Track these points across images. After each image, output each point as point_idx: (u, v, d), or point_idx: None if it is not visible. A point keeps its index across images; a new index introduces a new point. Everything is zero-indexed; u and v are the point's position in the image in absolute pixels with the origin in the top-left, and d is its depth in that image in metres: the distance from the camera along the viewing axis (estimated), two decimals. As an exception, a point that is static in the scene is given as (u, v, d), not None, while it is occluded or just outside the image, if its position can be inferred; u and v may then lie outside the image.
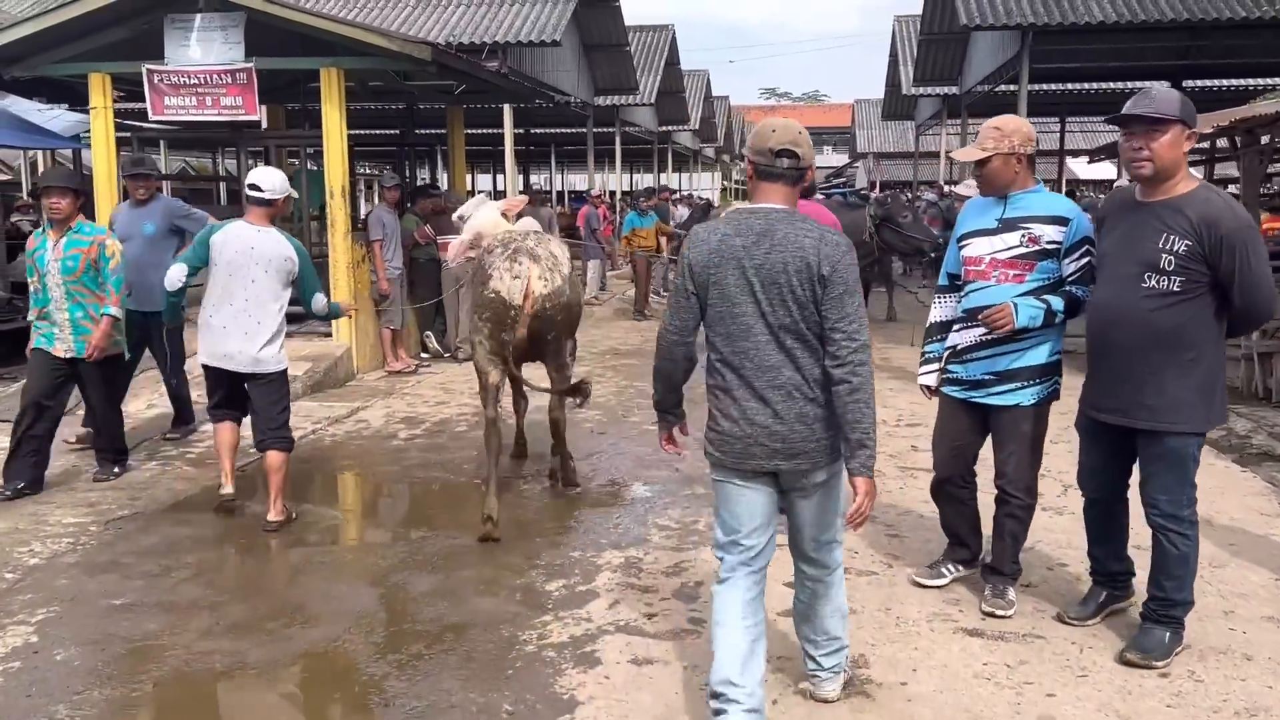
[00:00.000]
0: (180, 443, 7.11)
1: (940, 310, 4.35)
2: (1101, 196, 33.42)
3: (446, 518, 5.56)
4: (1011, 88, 23.60)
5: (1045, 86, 24.48)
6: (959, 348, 4.18)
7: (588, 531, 5.26)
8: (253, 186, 5.27)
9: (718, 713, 3.03)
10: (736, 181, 60.76)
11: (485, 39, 16.71)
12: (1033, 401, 4.06)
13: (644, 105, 28.75)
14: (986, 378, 4.10)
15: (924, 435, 5.36)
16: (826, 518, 3.21)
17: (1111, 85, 26.19)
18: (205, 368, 5.40)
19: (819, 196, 10.09)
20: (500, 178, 49.48)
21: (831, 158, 74.35)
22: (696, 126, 39.16)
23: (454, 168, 12.80)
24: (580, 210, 16.96)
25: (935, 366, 4.30)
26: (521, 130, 34.68)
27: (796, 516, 3.20)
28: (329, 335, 9.84)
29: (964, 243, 4.18)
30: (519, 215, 6.39)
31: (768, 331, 3.02)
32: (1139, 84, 25.86)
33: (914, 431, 7.26)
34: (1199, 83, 24.34)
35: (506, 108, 18.36)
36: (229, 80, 9.47)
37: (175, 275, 5.34)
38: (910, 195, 25.56)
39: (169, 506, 5.72)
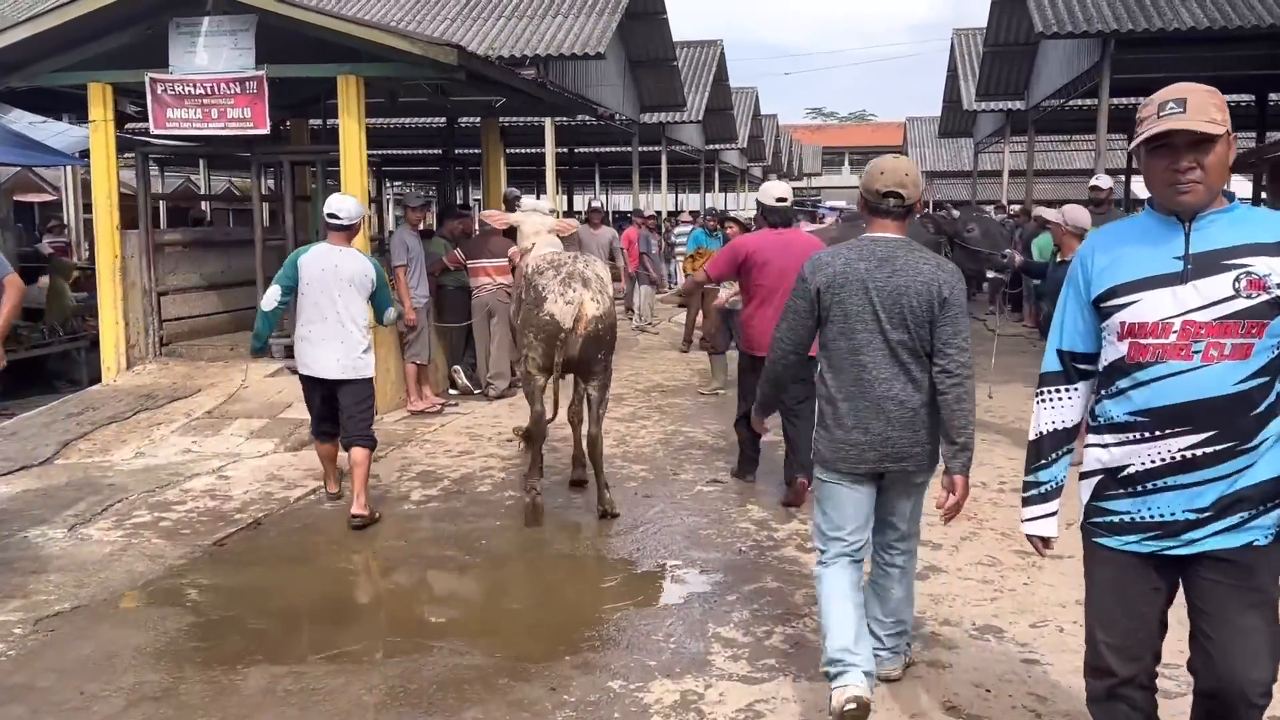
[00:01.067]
0: (160, 505, 6.11)
1: (1055, 412, 2.74)
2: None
3: (455, 623, 4.48)
4: (1085, 102, 22.34)
5: (1118, 101, 23.02)
6: (1132, 472, 2.57)
7: (631, 645, 4.13)
8: (331, 215, 5.81)
9: (838, 674, 3.28)
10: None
11: (526, 52, 15.77)
12: (1272, 537, 2.51)
13: (691, 123, 27.76)
14: (1188, 516, 2.52)
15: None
16: (915, 515, 3.60)
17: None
18: (302, 379, 5.95)
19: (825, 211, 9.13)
20: (542, 197, 48.88)
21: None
22: (744, 145, 38.11)
23: (489, 185, 11.81)
24: (626, 231, 15.89)
25: (1053, 506, 2.75)
26: (565, 149, 33.96)
27: (891, 512, 3.55)
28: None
29: (1121, 300, 2.56)
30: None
31: (885, 347, 3.36)
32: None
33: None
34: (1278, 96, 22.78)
35: (548, 124, 17.46)
36: (237, 90, 8.55)
37: (271, 296, 5.83)
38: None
39: (119, 596, 4.70)
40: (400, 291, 8.88)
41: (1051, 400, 2.74)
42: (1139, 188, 42.91)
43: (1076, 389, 2.73)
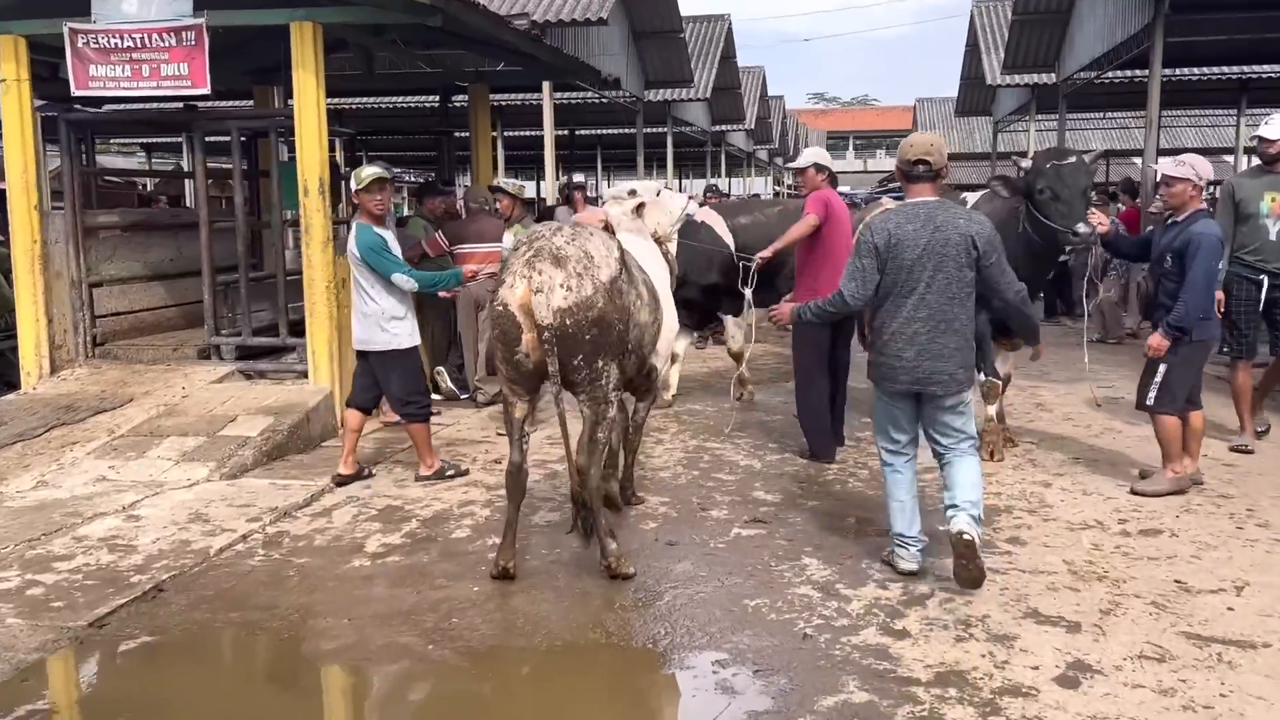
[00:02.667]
0: (39, 562, 4.72)
1: None
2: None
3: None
4: (1124, 74, 20.83)
5: (1169, 72, 21.44)
6: None
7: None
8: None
9: (899, 547, 4.41)
10: (788, 186, 58.02)
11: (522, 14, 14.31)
12: None
13: (697, 101, 26.27)
14: None
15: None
16: (958, 423, 4.32)
17: (1224, 71, 23.21)
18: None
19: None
20: (541, 183, 47.29)
21: (885, 161, 71.30)
22: (752, 126, 36.61)
23: (478, 161, 10.38)
24: None
25: None
26: (564, 131, 32.56)
27: (932, 427, 4.36)
28: (304, 376, 7.46)
29: None
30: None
31: (929, 291, 4.19)
32: (1261, 68, 22.90)
33: (1151, 545, 4.70)
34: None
35: (546, 99, 16.02)
36: (172, 41, 7.12)
37: (405, 283, 5.94)
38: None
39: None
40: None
41: None
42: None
43: None
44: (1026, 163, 6.03)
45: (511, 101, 23.41)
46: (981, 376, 6.40)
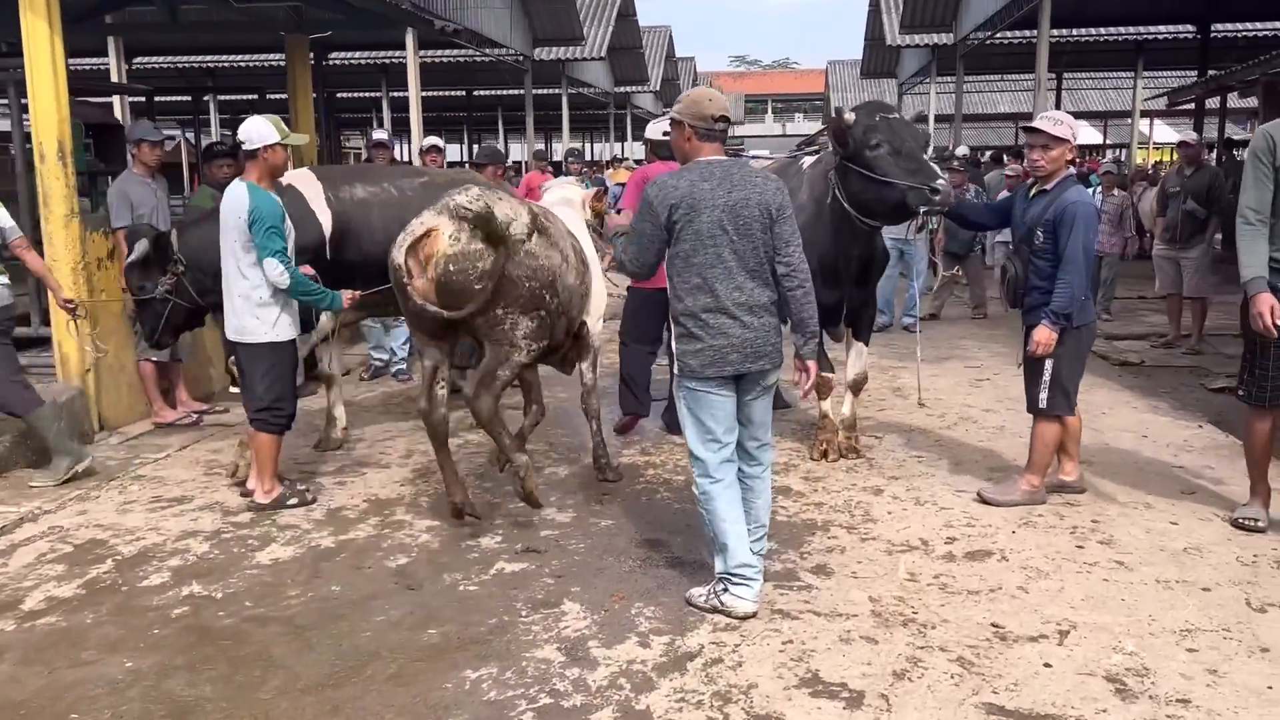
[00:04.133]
0: None
1: None
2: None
3: None
4: (1015, 35, 20.38)
5: (1058, 33, 21.02)
6: None
7: None
8: (240, 142, 4.86)
9: (738, 583, 3.72)
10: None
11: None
12: None
13: (593, 60, 25.19)
14: None
15: None
16: (768, 418, 3.87)
17: (1121, 32, 22.92)
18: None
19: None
20: (408, 145, 45.34)
21: (803, 125, 70.76)
22: (657, 88, 35.66)
23: (297, 119, 9.30)
24: (526, 177, 13.12)
25: None
26: (462, 92, 31.27)
27: (749, 418, 3.81)
28: (52, 370, 6.42)
29: None
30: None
31: (735, 258, 3.67)
32: (1157, 29, 22.64)
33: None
34: (1224, 27, 21.06)
35: (411, 56, 14.83)
36: None
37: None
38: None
39: None
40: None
41: None
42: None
43: None
44: (849, 115, 5.11)
45: (397, 60, 22.27)
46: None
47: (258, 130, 4.81)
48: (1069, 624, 3.64)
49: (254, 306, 4.77)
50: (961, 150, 15.44)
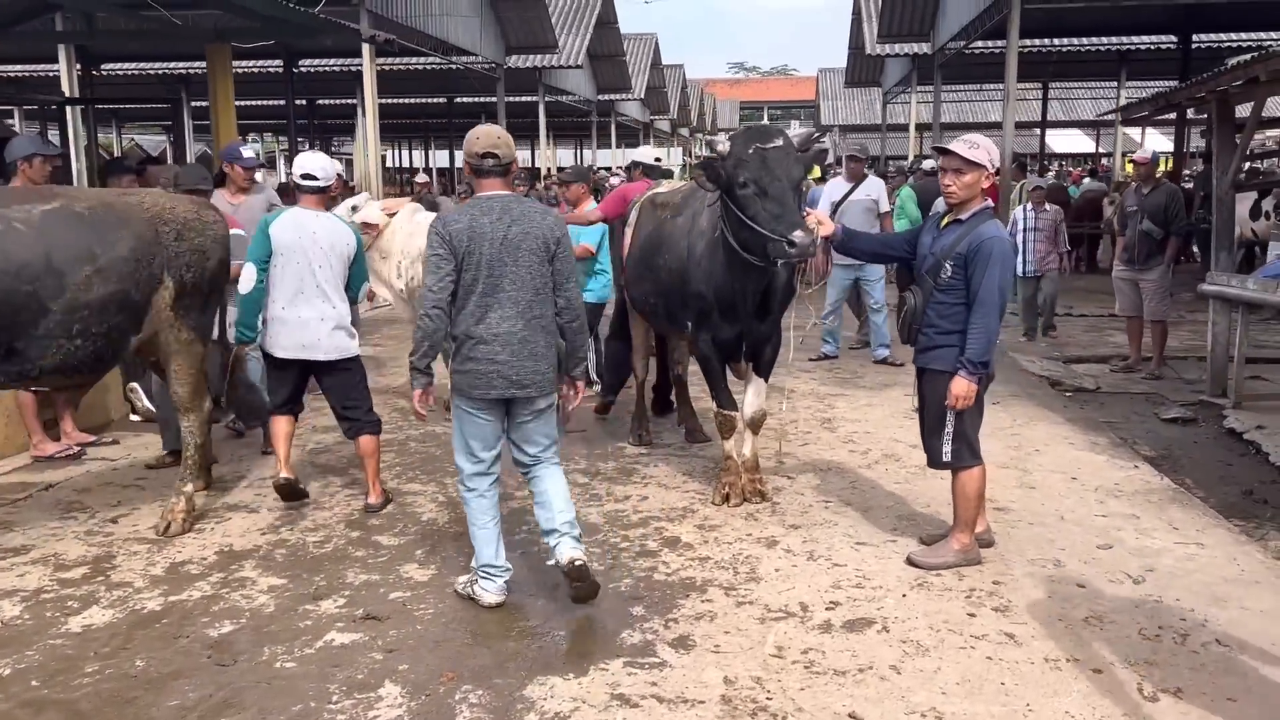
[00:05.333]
0: None
1: None
2: (1071, 172, 29.82)
3: None
4: (994, 44, 20.02)
5: (1029, 43, 20.70)
6: None
7: None
8: (305, 176, 5.14)
9: (485, 578, 4.07)
10: (697, 157, 56.94)
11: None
12: None
13: (568, 68, 24.82)
14: None
15: None
16: (547, 430, 4.12)
17: (1103, 42, 22.60)
18: (273, 360, 5.23)
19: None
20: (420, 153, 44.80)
21: (798, 132, 70.16)
22: (641, 95, 35.28)
23: (218, 127, 8.93)
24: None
25: None
26: (443, 99, 30.92)
27: (525, 437, 4.08)
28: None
29: None
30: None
31: (513, 289, 3.90)
32: (1136, 39, 22.30)
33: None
34: (1206, 38, 20.71)
35: (367, 65, 14.47)
36: None
37: (248, 276, 5.08)
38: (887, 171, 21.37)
39: None
40: None
41: None
42: (1059, 141, 41.11)
43: None
44: (723, 145, 4.74)
45: (391, 68, 22.05)
46: (715, 409, 5.36)
47: (331, 167, 5.23)
48: (935, 715, 3.26)
49: (351, 327, 5.26)
50: (929, 164, 15.09)
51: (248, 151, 6.21)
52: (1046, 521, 5.03)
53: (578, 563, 3.99)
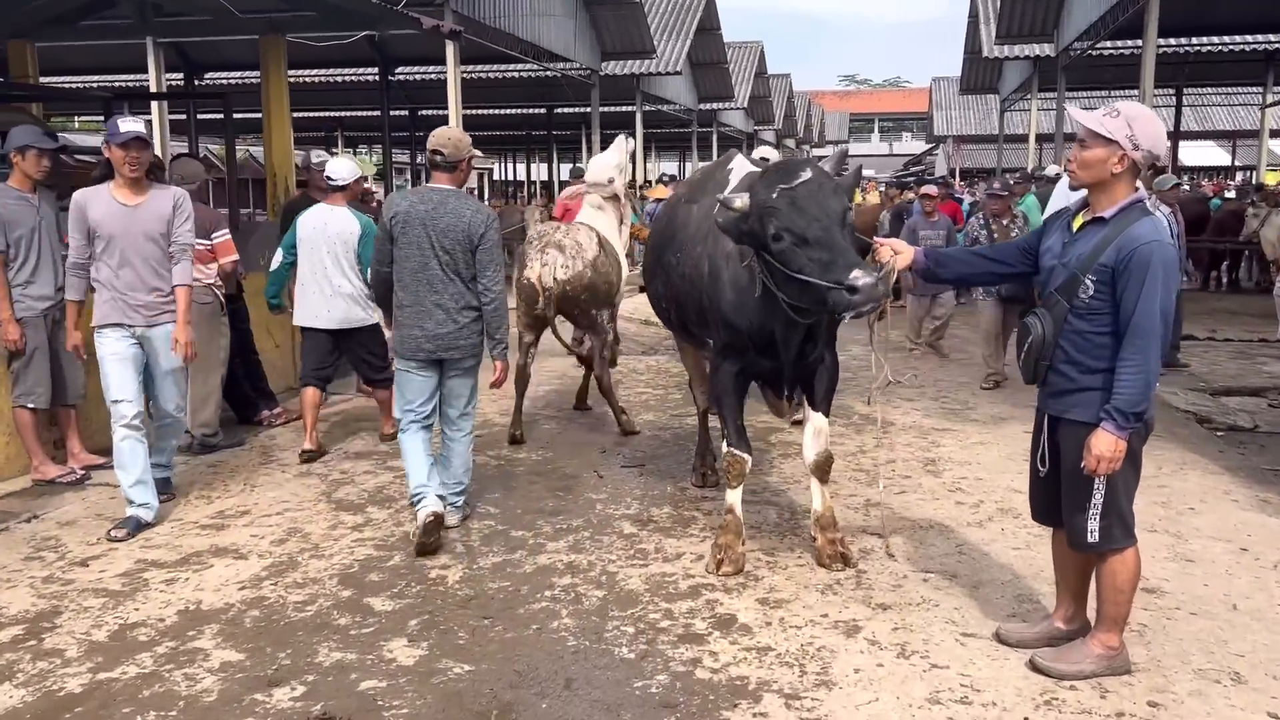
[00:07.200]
0: None
1: None
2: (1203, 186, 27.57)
3: None
4: (1126, 44, 18.40)
5: (1163, 43, 18.94)
6: None
7: None
8: (328, 177, 6.23)
9: (418, 500, 4.59)
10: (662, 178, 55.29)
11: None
12: None
13: (667, 74, 23.93)
14: None
15: None
16: (468, 393, 4.84)
17: (1249, 41, 20.67)
18: (304, 330, 6.35)
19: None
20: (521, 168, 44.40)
21: (910, 145, 68.20)
22: (745, 105, 34.22)
23: (270, 126, 8.33)
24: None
25: None
26: (543, 109, 30.49)
27: (450, 392, 4.79)
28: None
29: None
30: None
31: (438, 268, 4.54)
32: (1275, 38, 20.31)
33: None
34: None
35: (451, 70, 13.85)
36: None
37: (275, 257, 6.35)
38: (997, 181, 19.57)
39: None
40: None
41: None
42: (1191, 153, 38.41)
43: None
44: (740, 202, 3.78)
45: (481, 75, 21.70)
46: (724, 447, 4.39)
47: (351, 170, 6.24)
48: None
49: (365, 300, 6.10)
50: (1053, 169, 13.73)
51: (127, 125, 5.09)
52: (1214, 611, 3.89)
53: (430, 515, 4.47)
